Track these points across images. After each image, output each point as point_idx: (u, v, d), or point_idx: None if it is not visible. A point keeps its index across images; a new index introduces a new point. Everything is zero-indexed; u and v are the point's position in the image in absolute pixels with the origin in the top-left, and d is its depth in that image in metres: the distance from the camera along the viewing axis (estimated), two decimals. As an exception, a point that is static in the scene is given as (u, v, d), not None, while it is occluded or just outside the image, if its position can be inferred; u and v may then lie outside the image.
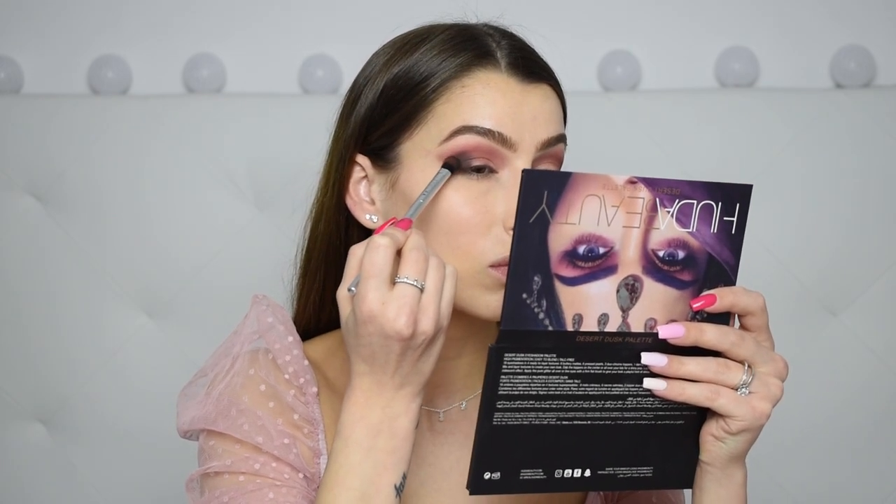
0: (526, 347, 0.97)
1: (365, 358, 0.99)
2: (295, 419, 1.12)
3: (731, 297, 1.01)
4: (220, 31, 1.77)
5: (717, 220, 1.00)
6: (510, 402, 0.98)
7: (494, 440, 0.98)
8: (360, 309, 0.97)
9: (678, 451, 1.04)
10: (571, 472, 1.01)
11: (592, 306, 0.98)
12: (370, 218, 1.13)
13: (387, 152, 1.11)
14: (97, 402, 1.70)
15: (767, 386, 1.01)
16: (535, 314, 0.96)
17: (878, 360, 1.71)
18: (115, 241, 1.70)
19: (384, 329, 0.96)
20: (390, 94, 1.11)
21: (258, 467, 1.09)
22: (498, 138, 1.06)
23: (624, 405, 1.01)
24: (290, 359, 1.14)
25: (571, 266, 0.97)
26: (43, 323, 1.70)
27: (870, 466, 1.71)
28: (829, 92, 1.73)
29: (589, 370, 0.99)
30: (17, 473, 1.72)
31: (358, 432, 1.00)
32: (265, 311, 1.17)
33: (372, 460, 1.00)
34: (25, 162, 1.70)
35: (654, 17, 1.78)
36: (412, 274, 0.97)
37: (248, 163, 1.70)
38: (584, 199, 0.96)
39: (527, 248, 0.95)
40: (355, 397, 1.00)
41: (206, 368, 1.18)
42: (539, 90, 1.10)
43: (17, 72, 1.77)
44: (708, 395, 1.00)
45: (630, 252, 0.98)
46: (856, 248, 1.70)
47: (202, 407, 1.13)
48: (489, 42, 1.11)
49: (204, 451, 1.13)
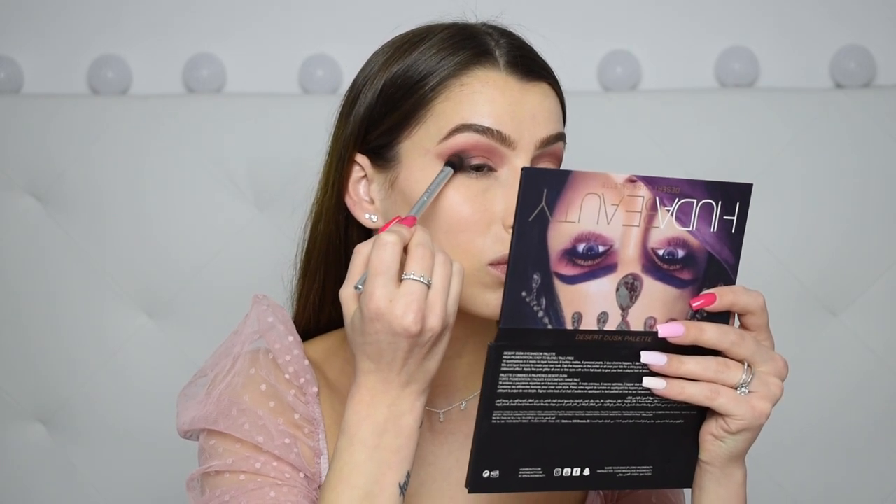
0: (525, 346, 0.97)
1: (371, 356, 0.99)
2: (296, 419, 1.12)
3: (731, 296, 1.01)
4: (220, 31, 1.77)
5: (716, 218, 1.00)
6: (509, 400, 0.98)
7: (493, 439, 0.98)
8: (368, 306, 0.96)
9: (678, 451, 1.04)
10: (570, 471, 1.01)
11: (592, 305, 0.98)
12: (369, 217, 1.13)
13: (386, 151, 1.11)
14: (97, 402, 1.70)
15: (767, 385, 1.01)
16: (535, 312, 0.96)
17: (877, 360, 1.71)
18: (115, 241, 1.70)
19: (392, 326, 0.96)
20: (389, 92, 1.11)
21: (259, 466, 1.09)
22: (497, 136, 1.06)
23: (623, 404, 1.01)
24: (291, 358, 1.14)
25: (571, 264, 0.97)
26: (43, 323, 1.70)
27: (869, 466, 1.71)
28: (829, 92, 1.73)
29: (588, 369, 0.99)
30: (17, 473, 1.72)
31: (363, 431, 1.00)
32: (265, 310, 1.17)
33: (377, 459, 1.00)
34: (25, 162, 1.70)
35: (654, 17, 1.78)
36: (419, 270, 0.97)
37: (248, 163, 1.70)
38: (584, 197, 0.96)
39: (526, 246, 0.95)
40: (360, 395, 1.00)
41: (205, 368, 1.18)
42: (538, 88, 1.10)
43: (17, 72, 1.77)
44: (707, 394, 1.00)
45: (630, 251, 0.98)
46: (856, 248, 1.70)
47: (202, 407, 1.13)
48: (488, 41, 1.11)
49: (204, 451, 1.13)
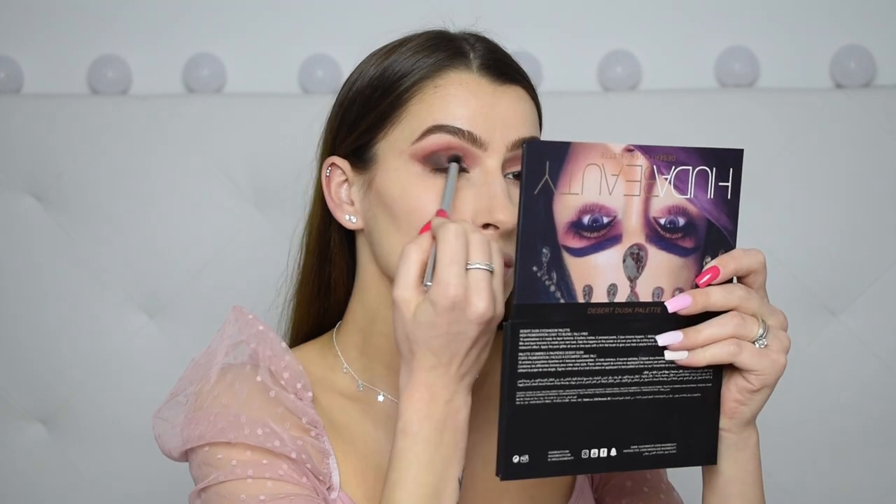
0: (540, 322, 0.98)
1: (435, 350, 0.99)
2: (303, 423, 1.13)
3: (733, 263, 1.03)
4: (220, 31, 1.77)
5: (712, 185, 1.03)
6: (530, 380, 0.99)
7: (519, 421, 0.99)
8: (445, 296, 0.97)
9: (699, 426, 1.06)
10: (598, 452, 1.03)
11: (601, 277, 0.99)
12: (349, 219, 1.15)
13: (364, 152, 1.13)
14: (97, 401, 1.70)
15: (779, 338, 1.04)
16: (547, 287, 0.98)
17: (878, 360, 1.71)
18: (115, 241, 1.70)
19: (467, 314, 0.97)
20: (367, 93, 1.13)
21: (282, 473, 1.09)
22: (468, 137, 1.08)
23: (641, 379, 1.03)
24: (285, 364, 1.14)
25: (578, 237, 0.98)
26: (43, 323, 1.70)
27: (870, 466, 1.71)
28: (829, 92, 1.73)
29: (603, 344, 1.01)
30: (17, 473, 1.72)
31: (425, 429, 1.01)
32: (252, 320, 1.17)
33: (441, 456, 1.01)
34: (25, 162, 1.70)
35: (654, 17, 1.78)
36: (483, 258, 0.98)
37: (248, 163, 1.70)
38: (585, 168, 0.97)
39: (533, 219, 0.96)
40: (419, 394, 1.01)
41: (178, 388, 1.18)
42: (511, 91, 1.12)
43: (17, 72, 1.77)
44: (731, 349, 1.02)
45: (633, 220, 1.00)
46: (856, 248, 1.70)
47: (195, 425, 1.12)
48: (463, 45, 1.13)
49: (208, 465, 1.11)
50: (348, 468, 1.14)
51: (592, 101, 1.72)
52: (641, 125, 1.71)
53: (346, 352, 1.19)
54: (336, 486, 1.13)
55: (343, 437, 1.16)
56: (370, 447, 1.16)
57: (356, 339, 1.18)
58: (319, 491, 1.11)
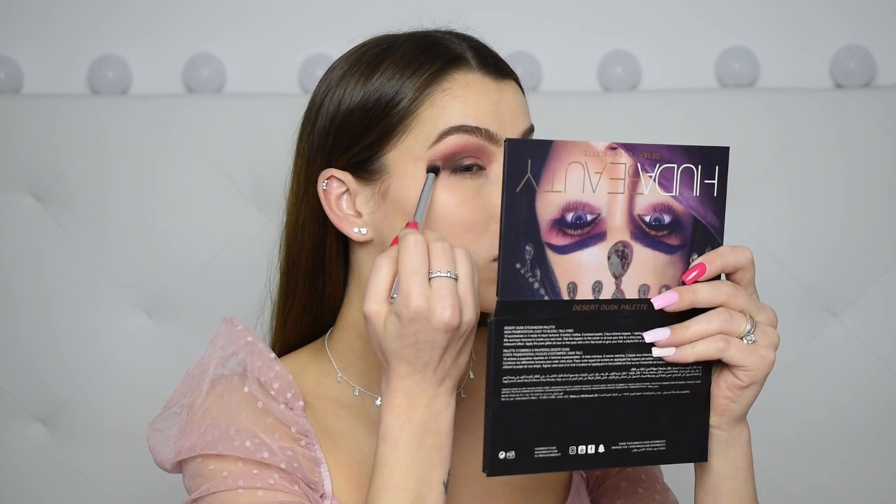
0: (525, 319, 0.98)
1: (408, 358, 1.00)
2: (293, 432, 1.13)
3: (720, 260, 1.03)
4: (220, 31, 1.77)
5: (698, 183, 1.03)
6: (515, 376, 0.99)
7: (505, 417, 0.99)
8: (407, 307, 0.97)
9: (688, 424, 1.05)
10: (585, 449, 1.02)
11: (585, 274, 1.00)
12: (358, 231, 1.14)
13: (370, 164, 1.12)
14: (97, 401, 1.70)
15: (767, 334, 1.03)
16: (531, 284, 0.98)
17: (878, 361, 1.71)
18: (115, 241, 1.70)
19: (431, 323, 0.98)
20: (365, 109, 1.12)
21: (273, 482, 1.09)
22: (485, 135, 1.09)
23: (628, 375, 1.03)
24: (274, 375, 1.14)
25: (561, 234, 0.99)
26: (43, 323, 1.70)
27: (869, 466, 1.71)
28: (829, 92, 1.73)
29: (589, 341, 1.01)
30: (17, 473, 1.72)
31: (405, 434, 1.01)
32: (241, 331, 1.17)
33: (421, 460, 1.01)
34: (25, 162, 1.70)
35: (654, 17, 1.78)
36: (444, 266, 0.99)
37: (248, 163, 1.70)
38: (568, 166, 0.98)
39: (515, 217, 0.97)
40: (398, 400, 1.01)
41: (172, 400, 1.18)
42: (510, 86, 1.13)
43: (17, 72, 1.77)
44: (719, 345, 1.02)
45: (617, 218, 1.00)
46: (856, 248, 1.70)
47: (188, 436, 1.12)
48: (453, 46, 1.13)
49: (200, 476, 1.11)
50: (341, 475, 1.14)
51: (592, 101, 1.72)
52: (641, 125, 1.71)
53: (341, 358, 1.19)
54: (329, 494, 1.13)
55: (337, 445, 1.16)
56: (365, 453, 1.15)
57: (356, 345, 1.17)
58: (312, 498, 1.11)
